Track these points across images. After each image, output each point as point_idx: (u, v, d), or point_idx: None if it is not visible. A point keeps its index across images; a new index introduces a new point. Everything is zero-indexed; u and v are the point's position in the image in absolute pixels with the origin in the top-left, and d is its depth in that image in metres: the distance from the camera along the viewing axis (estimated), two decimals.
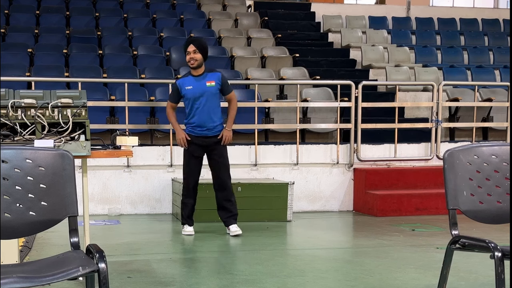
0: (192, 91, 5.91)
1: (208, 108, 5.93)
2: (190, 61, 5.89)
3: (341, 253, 5.37)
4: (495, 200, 3.08)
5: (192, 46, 5.87)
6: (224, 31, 11.17)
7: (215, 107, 5.97)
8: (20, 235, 2.72)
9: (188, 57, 5.91)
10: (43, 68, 8.89)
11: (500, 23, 13.51)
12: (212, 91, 5.93)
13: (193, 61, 5.88)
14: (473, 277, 4.37)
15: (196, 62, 5.88)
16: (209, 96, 5.92)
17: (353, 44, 11.55)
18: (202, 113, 5.93)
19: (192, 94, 5.91)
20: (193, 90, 5.91)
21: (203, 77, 5.94)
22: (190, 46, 5.88)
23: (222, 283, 4.18)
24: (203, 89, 5.91)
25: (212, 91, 5.93)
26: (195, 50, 5.86)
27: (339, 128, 8.08)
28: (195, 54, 5.87)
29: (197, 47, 5.86)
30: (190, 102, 5.95)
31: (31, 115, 3.86)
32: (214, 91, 5.94)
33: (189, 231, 6.13)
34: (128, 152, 3.99)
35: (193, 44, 5.89)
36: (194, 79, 5.94)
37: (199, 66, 5.92)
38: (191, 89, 5.92)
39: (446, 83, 9.05)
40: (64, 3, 11.75)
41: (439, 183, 7.58)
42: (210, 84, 5.93)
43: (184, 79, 6.00)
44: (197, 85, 5.92)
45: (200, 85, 5.91)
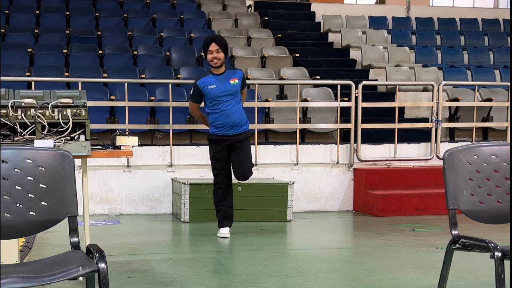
0: (216, 90, 5.72)
1: (235, 106, 5.78)
2: (213, 60, 5.71)
3: (341, 253, 5.37)
4: (495, 200, 3.08)
5: (214, 45, 5.69)
6: (224, 31, 11.16)
7: (241, 105, 5.86)
8: (20, 235, 2.72)
9: (210, 56, 5.71)
10: (43, 68, 8.89)
11: (500, 23, 13.50)
12: (236, 89, 5.79)
13: (216, 60, 5.71)
14: (473, 277, 4.37)
15: (219, 61, 5.72)
16: (234, 95, 5.78)
17: (353, 44, 11.55)
18: (230, 112, 5.76)
19: (216, 93, 5.72)
20: (217, 89, 5.73)
21: (225, 76, 5.78)
22: (213, 45, 5.70)
23: (222, 283, 4.18)
24: (227, 87, 5.75)
25: (236, 88, 5.78)
26: (218, 49, 5.70)
27: (339, 128, 8.08)
28: (218, 53, 5.70)
29: (220, 46, 5.70)
30: (214, 101, 5.76)
31: (31, 115, 3.85)
32: (238, 88, 5.80)
33: (224, 233, 5.97)
34: (128, 152, 3.98)
35: (215, 42, 5.71)
36: (217, 78, 5.76)
37: (222, 65, 5.77)
38: (214, 88, 5.72)
39: (446, 83, 9.04)
40: (64, 3, 11.74)
41: (439, 183, 7.57)
42: (234, 82, 5.78)
43: (206, 78, 5.79)
44: (221, 84, 5.74)
45: (224, 84, 5.75)
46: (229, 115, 5.78)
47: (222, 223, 6.04)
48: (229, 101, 5.77)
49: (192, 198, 6.85)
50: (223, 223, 6.03)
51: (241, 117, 5.85)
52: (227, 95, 5.76)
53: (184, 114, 8.24)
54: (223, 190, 5.96)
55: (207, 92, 5.76)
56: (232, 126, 5.81)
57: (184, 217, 6.87)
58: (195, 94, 5.86)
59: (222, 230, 6.02)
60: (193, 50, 10.18)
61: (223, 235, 5.99)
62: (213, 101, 5.78)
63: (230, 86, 5.77)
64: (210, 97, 5.77)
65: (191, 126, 8.11)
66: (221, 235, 6.00)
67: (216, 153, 5.91)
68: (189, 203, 6.84)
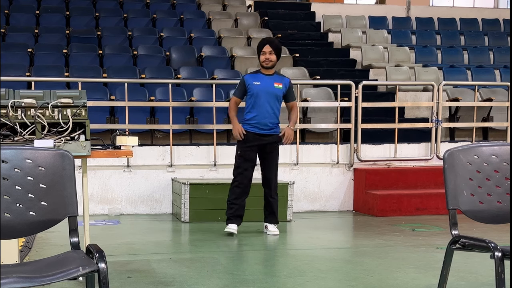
0: (259, 87, 5.96)
1: (271, 107, 5.99)
2: (265, 61, 5.96)
3: (341, 253, 5.37)
4: (495, 200, 3.08)
5: (268, 47, 5.96)
6: (224, 31, 11.16)
7: (277, 108, 6.05)
8: (20, 235, 2.72)
9: (263, 57, 5.98)
10: (43, 68, 8.89)
11: (500, 23, 13.50)
12: (278, 93, 6.01)
13: (268, 61, 5.97)
14: (473, 277, 4.37)
15: (271, 63, 5.98)
16: (274, 97, 5.99)
17: (353, 44, 11.55)
18: (265, 111, 5.97)
19: (259, 90, 5.96)
20: (261, 86, 5.96)
21: (272, 78, 6.02)
22: (267, 46, 5.97)
23: (222, 283, 4.18)
24: (270, 88, 5.98)
25: (277, 93, 6.00)
26: (271, 51, 5.96)
27: (339, 128, 8.08)
28: (271, 55, 5.96)
29: (273, 49, 5.96)
30: (254, 98, 5.98)
31: (31, 115, 3.85)
32: (280, 93, 6.01)
33: (231, 228, 6.03)
34: (128, 152, 3.98)
35: (269, 45, 5.98)
36: (263, 77, 6.00)
37: (273, 67, 6.02)
38: (258, 85, 5.97)
39: (446, 83, 9.05)
40: (64, 3, 11.74)
41: (439, 183, 7.57)
42: (277, 86, 6.01)
43: (253, 75, 6.07)
44: (265, 83, 5.97)
45: (268, 84, 5.98)
46: (264, 114, 5.98)
47: (230, 220, 6.07)
48: (267, 102, 5.98)
49: (192, 198, 6.85)
50: (231, 220, 6.07)
51: (275, 121, 6.06)
52: (268, 95, 5.97)
53: (184, 114, 8.24)
54: (241, 189, 6.05)
55: (251, 87, 6.00)
56: (264, 124, 6.00)
57: (184, 217, 6.87)
58: (239, 88, 6.12)
59: (230, 225, 6.06)
60: (193, 50, 10.18)
61: (231, 230, 6.03)
62: (253, 97, 5.98)
63: (273, 88, 6.00)
64: (252, 93, 6.00)
65: (191, 126, 8.11)
66: (228, 229, 6.03)
67: (245, 152, 6.02)
68: (189, 203, 6.84)
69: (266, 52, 5.97)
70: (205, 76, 9.25)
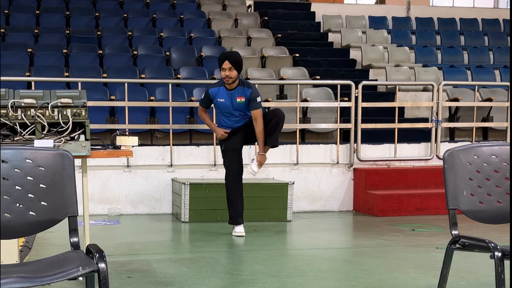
0: (224, 104, 6.00)
1: (239, 115, 6.04)
2: (225, 78, 5.90)
3: (341, 253, 5.37)
4: (495, 200, 3.08)
5: (227, 63, 5.86)
6: (224, 31, 11.16)
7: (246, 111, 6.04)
8: (20, 235, 2.72)
9: (223, 73, 5.91)
10: (43, 68, 8.89)
11: (500, 23, 13.50)
12: (242, 107, 6.02)
13: (228, 78, 5.90)
14: (473, 277, 4.37)
15: (231, 79, 5.92)
16: (240, 109, 6.01)
17: (353, 44, 11.55)
18: (234, 120, 6.06)
19: (223, 106, 6.01)
20: (225, 103, 5.99)
21: (235, 92, 5.98)
22: (226, 63, 5.87)
23: (222, 283, 4.18)
24: (233, 103, 5.99)
25: (241, 107, 6.01)
26: (231, 68, 5.87)
27: (339, 128, 8.08)
28: (230, 71, 5.87)
29: (232, 64, 5.87)
30: (222, 112, 6.07)
31: (31, 115, 3.85)
32: (243, 106, 6.02)
33: (239, 232, 6.03)
34: (128, 152, 3.98)
35: (228, 60, 5.87)
36: (227, 93, 5.98)
37: (234, 82, 5.97)
38: (223, 102, 5.99)
39: (446, 83, 9.04)
40: (64, 3, 11.74)
41: (439, 183, 7.57)
42: (240, 101, 5.98)
43: (218, 90, 6.01)
44: (229, 100, 5.98)
45: (231, 100, 5.99)
46: (236, 120, 6.06)
47: (234, 220, 6.08)
48: (235, 115, 6.04)
49: (192, 198, 6.85)
50: (235, 220, 6.07)
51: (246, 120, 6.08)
52: (234, 110, 6.02)
53: (184, 114, 8.24)
54: (234, 182, 6.04)
55: (215, 103, 6.06)
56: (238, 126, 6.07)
57: (184, 217, 6.87)
58: (205, 100, 6.13)
59: (237, 228, 6.06)
60: (193, 50, 10.18)
61: (239, 233, 6.02)
62: (221, 111, 6.09)
63: (237, 103, 5.99)
64: (219, 109, 6.09)
65: (191, 126, 8.11)
66: (237, 233, 6.03)
67: (227, 143, 6.04)
68: (189, 203, 6.84)
69: (225, 68, 5.87)
70: (205, 76, 9.25)
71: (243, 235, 6.01)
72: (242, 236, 5.99)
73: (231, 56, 5.98)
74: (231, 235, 6.04)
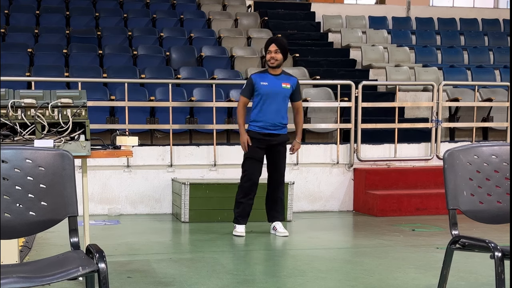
0: (267, 87, 5.94)
1: (279, 107, 5.97)
2: (271, 60, 5.93)
3: (341, 253, 5.37)
4: (495, 200, 3.08)
5: (274, 46, 5.93)
6: (224, 31, 11.16)
7: (285, 108, 6.03)
8: (20, 235, 2.72)
9: (268, 56, 5.95)
10: (43, 68, 8.89)
11: (500, 23, 13.50)
12: (286, 93, 5.98)
13: (274, 60, 5.93)
14: (473, 277, 4.37)
15: (276, 62, 5.93)
16: (282, 97, 5.97)
17: (353, 44, 11.55)
18: (273, 111, 5.96)
19: (266, 90, 5.94)
20: (268, 86, 5.94)
21: (279, 78, 5.99)
22: (272, 45, 5.94)
23: (222, 283, 4.18)
24: (278, 88, 5.95)
25: (285, 93, 5.98)
26: (277, 50, 5.91)
27: (339, 128, 8.08)
28: (276, 54, 5.92)
29: (279, 47, 5.92)
30: (262, 98, 5.95)
31: (31, 115, 3.85)
32: (288, 93, 6.00)
33: (240, 232, 6.05)
34: (128, 152, 3.98)
35: (275, 43, 5.95)
36: (271, 77, 5.97)
37: (279, 66, 5.98)
38: (266, 85, 5.94)
39: (446, 83, 9.04)
40: (64, 3, 11.74)
41: (439, 183, 7.57)
42: (285, 86, 5.98)
43: (260, 75, 6.03)
44: (273, 83, 5.95)
45: (276, 84, 5.95)
46: (272, 115, 5.96)
47: (237, 220, 6.09)
48: (275, 102, 5.96)
49: (192, 198, 6.85)
50: (238, 220, 6.09)
51: (282, 121, 6.03)
52: (276, 95, 5.95)
53: (184, 114, 8.24)
54: (249, 185, 6.04)
55: (258, 87, 5.96)
56: (272, 125, 5.99)
57: (184, 217, 6.87)
58: (247, 88, 6.06)
59: (238, 228, 6.07)
60: (193, 50, 10.18)
61: (239, 233, 6.04)
62: (261, 97, 5.96)
63: (281, 88, 5.97)
64: (260, 93, 5.97)
65: (191, 126, 8.12)
66: (237, 233, 6.04)
67: (252, 150, 5.99)
68: (189, 203, 6.84)
69: (271, 51, 5.94)
70: (205, 76, 9.25)
71: (243, 235, 6.01)
72: (241, 236, 6.00)
73: (279, 40, 6.07)
74: (231, 235, 6.04)
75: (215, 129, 7.75)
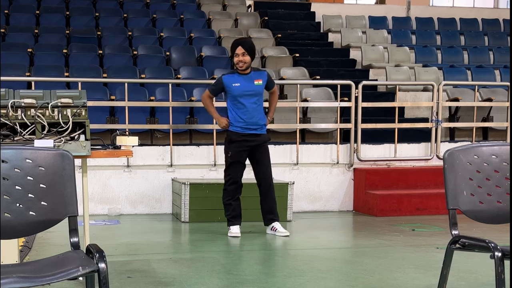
0: (240, 88, 5.90)
1: (255, 106, 5.95)
2: (239, 63, 5.89)
3: (341, 253, 5.37)
4: (495, 200, 3.08)
5: (241, 48, 5.88)
6: (224, 31, 11.16)
7: (261, 108, 6.01)
8: (20, 235, 2.72)
9: (236, 59, 5.91)
10: (43, 68, 8.89)
11: (500, 23, 13.50)
12: (259, 90, 5.97)
13: (242, 63, 5.89)
14: (473, 277, 4.37)
15: (245, 65, 5.91)
16: (257, 94, 5.96)
17: (353, 44, 11.55)
18: (252, 111, 5.93)
19: (240, 91, 5.90)
20: (241, 87, 5.90)
21: (250, 76, 5.96)
22: (239, 48, 5.89)
23: (222, 283, 4.18)
24: (251, 87, 5.93)
25: (259, 90, 5.97)
26: (244, 53, 5.88)
27: (339, 128, 8.08)
28: (244, 56, 5.88)
29: (246, 50, 5.88)
30: (236, 99, 5.91)
31: (31, 115, 3.85)
32: (261, 90, 5.99)
33: (235, 233, 6.03)
34: (128, 152, 3.98)
35: (241, 46, 5.89)
36: (242, 77, 5.94)
37: (248, 68, 5.95)
38: (238, 86, 5.90)
39: (446, 83, 9.04)
40: (64, 3, 11.74)
41: (439, 183, 7.57)
42: (258, 83, 5.96)
43: (231, 76, 5.98)
44: (245, 83, 5.92)
45: (248, 84, 5.92)
46: (251, 113, 5.93)
47: (231, 222, 6.08)
48: (251, 101, 5.93)
49: (192, 198, 6.85)
50: (232, 221, 6.07)
51: (262, 118, 6.02)
52: (250, 94, 5.93)
53: (184, 114, 8.24)
54: (235, 188, 6.03)
55: (231, 89, 5.92)
56: (253, 124, 5.96)
57: (184, 217, 6.87)
58: (216, 86, 6.05)
59: (232, 229, 6.06)
60: (193, 50, 10.18)
61: (234, 234, 6.01)
62: (236, 99, 5.92)
63: (254, 86, 5.95)
64: (234, 95, 5.92)
65: (191, 126, 8.11)
66: (232, 234, 6.02)
67: (236, 154, 5.97)
68: (189, 203, 6.84)
69: (239, 54, 5.88)
70: (205, 76, 9.25)
71: (238, 236, 6.00)
72: (237, 237, 5.99)
73: (245, 41, 6.01)
74: (228, 236, 6.04)
75: (215, 129, 7.75)
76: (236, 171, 6.00)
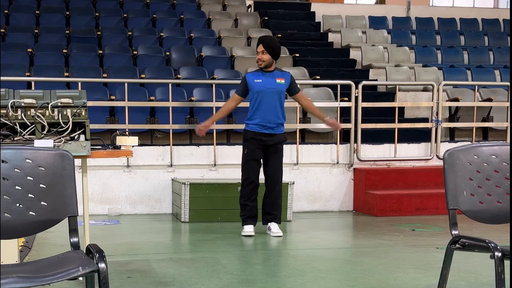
0: (261, 84, 5.93)
1: (275, 104, 5.94)
2: (258, 61, 5.95)
3: (341, 253, 5.37)
4: (495, 200, 3.08)
5: (261, 47, 5.92)
6: (224, 31, 11.16)
7: (281, 106, 5.99)
8: (20, 235, 2.72)
9: (256, 57, 5.99)
10: (43, 68, 8.89)
11: (500, 23, 13.50)
12: (281, 89, 5.96)
13: (261, 61, 5.94)
14: (473, 277, 4.37)
15: (263, 63, 5.93)
16: (277, 93, 5.94)
17: (353, 44, 11.55)
18: (269, 109, 5.93)
19: (260, 87, 5.92)
20: (262, 84, 5.93)
21: (273, 74, 5.98)
22: (259, 46, 5.94)
23: (222, 283, 4.18)
24: (272, 84, 5.94)
25: (280, 88, 5.96)
26: (263, 51, 5.90)
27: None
28: (263, 54, 5.91)
29: (265, 48, 5.90)
30: (257, 96, 5.93)
31: (31, 115, 3.85)
32: (283, 88, 5.98)
33: (248, 231, 6.03)
34: (128, 152, 3.98)
35: (262, 44, 5.93)
36: (264, 74, 5.97)
37: (267, 66, 5.95)
38: (260, 83, 5.93)
39: (446, 83, 9.04)
40: (64, 3, 11.74)
41: (439, 183, 7.57)
42: (280, 81, 5.97)
43: (254, 73, 6.04)
44: (267, 80, 5.94)
45: (269, 80, 5.94)
46: (269, 112, 5.93)
47: (245, 221, 6.08)
48: (272, 99, 5.93)
49: (192, 198, 6.85)
50: (246, 221, 6.08)
51: (280, 118, 5.99)
52: (271, 92, 5.93)
53: (184, 114, 8.24)
54: (251, 188, 6.02)
55: (253, 85, 5.95)
56: (270, 123, 5.94)
57: (184, 217, 6.87)
58: (241, 85, 6.07)
59: (246, 228, 6.06)
60: (193, 50, 10.18)
61: (248, 233, 6.02)
62: (256, 95, 5.93)
63: (276, 83, 5.96)
64: (255, 91, 5.94)
65: (191, 126, 8.11)
66: (245, 233, 6.03)
67: (251, 152, 5.97)
68: (189, 203, 6.84)
69: (259, 52, 5.95)
70: (205, 76, 9.25)
71: (252, 235, 6.01)
72: (251, 236, 5.99)
73: (266, 40, 6.02)
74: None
75: (215, 129, 7.75)
76: (251, 170, 5.99)
